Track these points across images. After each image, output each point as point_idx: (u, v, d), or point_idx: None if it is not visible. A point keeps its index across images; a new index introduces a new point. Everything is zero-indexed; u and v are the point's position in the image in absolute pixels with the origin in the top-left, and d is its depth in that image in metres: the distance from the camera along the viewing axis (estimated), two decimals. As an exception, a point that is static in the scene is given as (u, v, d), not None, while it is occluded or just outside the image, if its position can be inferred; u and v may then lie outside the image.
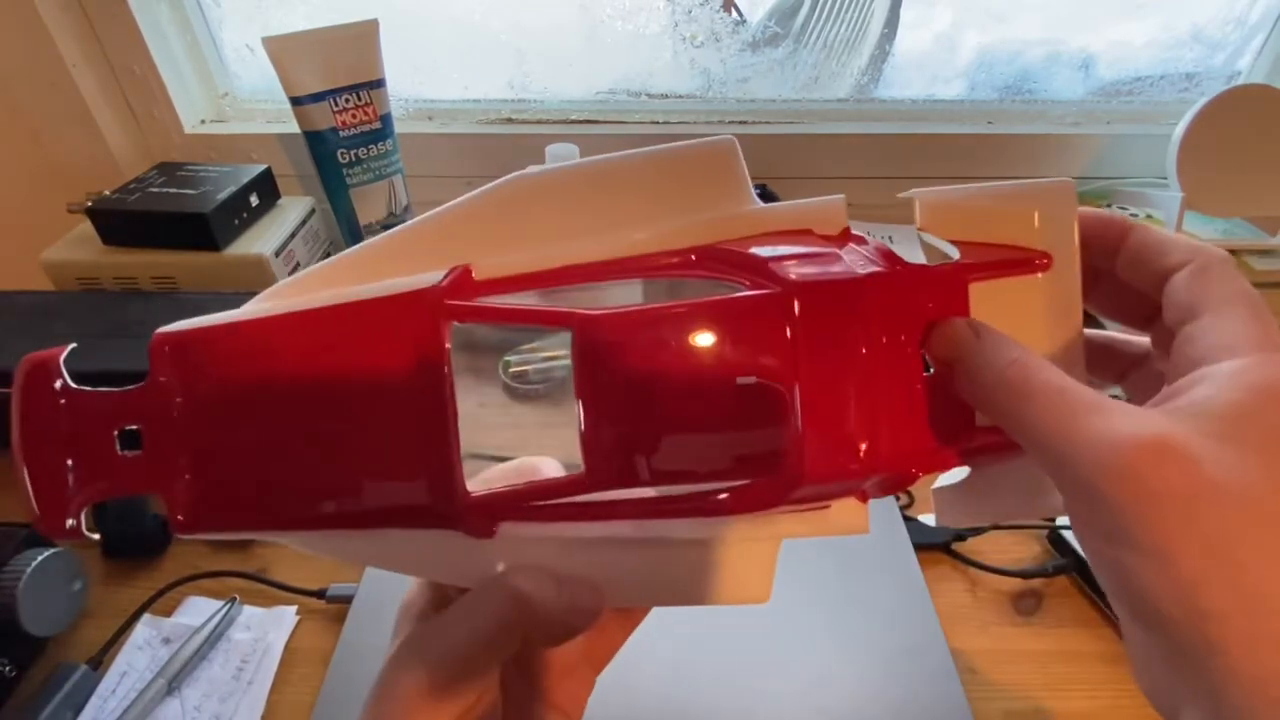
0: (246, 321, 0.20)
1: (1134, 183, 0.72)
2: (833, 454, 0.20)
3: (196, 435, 0.20)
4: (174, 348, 0.20)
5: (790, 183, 0.72)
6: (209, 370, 0.20)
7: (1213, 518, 0.15)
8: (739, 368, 0.19)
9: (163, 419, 0.20)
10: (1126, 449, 0.16)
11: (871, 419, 0.20)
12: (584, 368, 0.19)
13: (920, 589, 0.44)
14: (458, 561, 0.21)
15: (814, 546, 0.46)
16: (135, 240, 0.64)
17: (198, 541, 0.49)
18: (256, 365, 0.20)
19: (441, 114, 0.76)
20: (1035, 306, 0.22)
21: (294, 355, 0.20)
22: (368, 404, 0.20)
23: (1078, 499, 0.17)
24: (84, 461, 0.19)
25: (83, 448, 0.19)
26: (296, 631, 0.44)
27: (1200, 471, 0.15)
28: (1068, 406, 0.17)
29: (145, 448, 0.20)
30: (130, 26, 0.67)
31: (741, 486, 0.20)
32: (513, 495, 0.20)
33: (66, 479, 0.19)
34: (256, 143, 0.74)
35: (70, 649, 0.42)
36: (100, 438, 0.19)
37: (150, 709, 0.39)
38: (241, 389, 0.20)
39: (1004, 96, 0.76)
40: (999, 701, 0.40)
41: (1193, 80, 0.76)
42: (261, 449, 0.20)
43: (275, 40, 0.57)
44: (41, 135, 0.70)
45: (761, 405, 0.20)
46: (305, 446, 0.20)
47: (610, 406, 0.20)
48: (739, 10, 0.74)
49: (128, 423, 0.19)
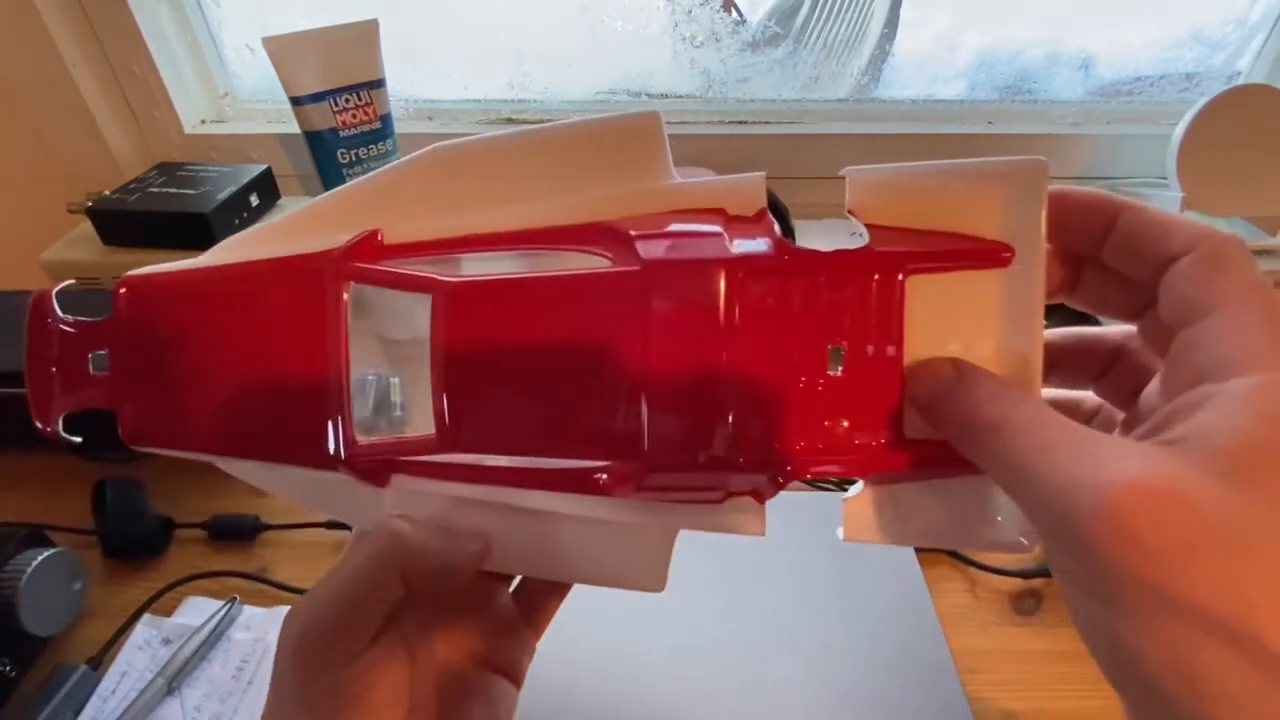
0: (188, 271, 0.23)
1: (1134, 183, 0.72)
2: (680, 442, 0.19)
3: (147, 362, 0.23)
4: (130, 289, 0.23)
5: (790, 183, 0.72)
6: (157, 309, 0.23)
7: (1215, 574, 0.13)
8: (582, 342, 0.20)
9: (123, 346, 0.23)
10: (1114, 494, 0.13)
11: (741, 409, 0.19)
12: (435, 333, 0.21)
13: (920, 589, 0.44)
14: (361, 507, 0.23)
15: (814, 546, 0.46)
16: (135, 240, 0.64)
17: (198, 541, 0.49)
18: (194, 309, 0.23)
19: (441, 114, 0.76)
20: (989, 307, 0.19)
21: (223, 302, 0.23)
22: (279, 351, 0.22)
23: (1059, 548, 0.15)
24: (64, 374, 0.23)
25: (64, 363, 0.23)
26: (296, 631, 0.44)
27: (1200, 519, 0.13)
28: (1049, 443, 0.15)
29: (110, 369, 0.23)
30: (130, 26, 0.66)
31: (590, 467, 0.20)
32: (385, 447, 0.22)
33: (53, 386, 0.22)
34: (256, 143, 0.74)
35: (70, 649, 0.42)
36: (77, 357, 0.23)
37: (150, 709, 0.39)
38: (181, 327, 0.23)
39: (1004, 96, 0.76)
40: (999, 701, 0.40)
41: (1193, 80, 0.76)
42: (196, 381, 0.23)
43: (275, 40, 0.57)
44: (41, 135, 0.70)
45: (604, 383, 0.20)
46: (228, 383, 0.22)
47: (455, 370, 0.21)
48: (739, 10, 0.74)
49: (97, 348, 0.23)
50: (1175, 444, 0.14)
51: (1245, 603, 0.13)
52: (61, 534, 0.47)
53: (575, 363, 0.20)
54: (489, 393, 0.21)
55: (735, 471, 0.20)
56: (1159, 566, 0.13)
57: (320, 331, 0.21)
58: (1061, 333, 0.22)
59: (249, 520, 0.49)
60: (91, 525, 0.48)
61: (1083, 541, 0.14)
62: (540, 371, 0.21)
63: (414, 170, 0.23)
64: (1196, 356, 0.16)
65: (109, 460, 0.53)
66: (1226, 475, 0.13)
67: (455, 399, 0.22)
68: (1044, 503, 0.15)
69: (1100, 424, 0.22)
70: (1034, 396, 0.17)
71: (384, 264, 0.22)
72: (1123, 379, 0.21)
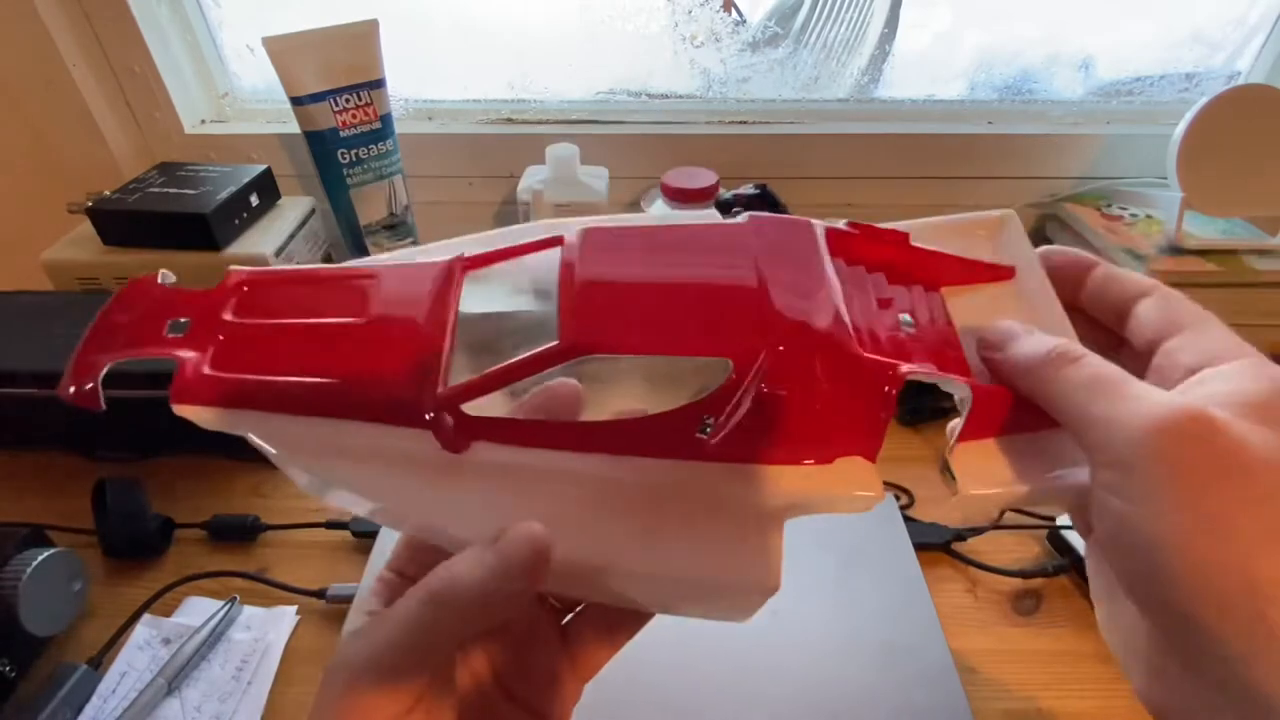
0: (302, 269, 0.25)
1: (1134, 183, 0.72)
2: (808, 321, 0.20)
3: (236, 329, 0.23)
4: (239, 274, 0.24)
5: (790, 183, 0.72)
6: (267, 290, 0.24)
7: (1264, 489, 0.15)
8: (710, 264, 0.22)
9: (214, 312, 0.23)
10: (1176, 417, 0.16)
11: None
12: (565, 263, 0.22)
13: (920, 589, 0.44)
14: (423, 490, 0.21)
15: (814, 546, 0.46)
16: (135, 240, 0.64)
17: (198, 541, 0.49)
18: (307, 288, 0.24)
19: (441, 114, 0.76)
20: (1011, 306, 0.23)
21: (338, 285, 0.24)
22: (386, 316, 0.22)
23: (1115, 468, 0.17)
24: (134, 328, 0.22)
25: (142, 319, 0.23)
26: (296, 631, 0.44)
27: (1245, 445, 0.16)
28: (1111, 385, 0.18)
29: (190, 330, 0.22)
30: (130, 26, 0.67)
31: (696, 407, 0.20)
32: (484, 381, 0.21)
33: (114, 340, 0.22)
34: (256, 143, 0.74)
35: (70, 649, 0.42)
36: (157, 317, 0.23)
37: (150, 709, 0.39)
38: (289, 300, 0.23)
39: (1004, 96, 0.76)
40: (999, 701, 0.40)
41: (1193, 80, 0.76)
42: (284, 338, 0.22)
43: (275, 40, 0.57)
44: (42, 135, 0.70)
45: (727, 290, 0.21)
46: (321, 341, 0.22)
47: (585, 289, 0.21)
48: (739, 10, 0.74)
49: (180, 315, 0.23)
50: (1207, 398, 0.17)
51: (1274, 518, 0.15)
52: (61, 534, 0.47)
53: (703, 278, 0.22)
54: (617, 300, 0.21)
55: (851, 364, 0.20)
56: (1215, 479, 0.16)
57: (432, 299, 0.22)
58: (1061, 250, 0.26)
59: (249, 520, 0.49)
60: (91, 525, 0.48)
61: (1140, 460, 0.16)
62: (667, 287, 0.21)
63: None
64: (1185, 357, 0.19)
65: (109, 460, 0.53)
66: (1255, 419, 0.16)
67: (583, 305, 0.21)
68: (1108, 429, 0.17)
69: None
70: (1088, 351, 0.20)
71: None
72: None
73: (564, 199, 0.67)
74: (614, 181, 0.71)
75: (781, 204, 0.65)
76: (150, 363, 0.22)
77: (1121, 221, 0.68)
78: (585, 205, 0.67)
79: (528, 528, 0.19)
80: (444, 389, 0.21)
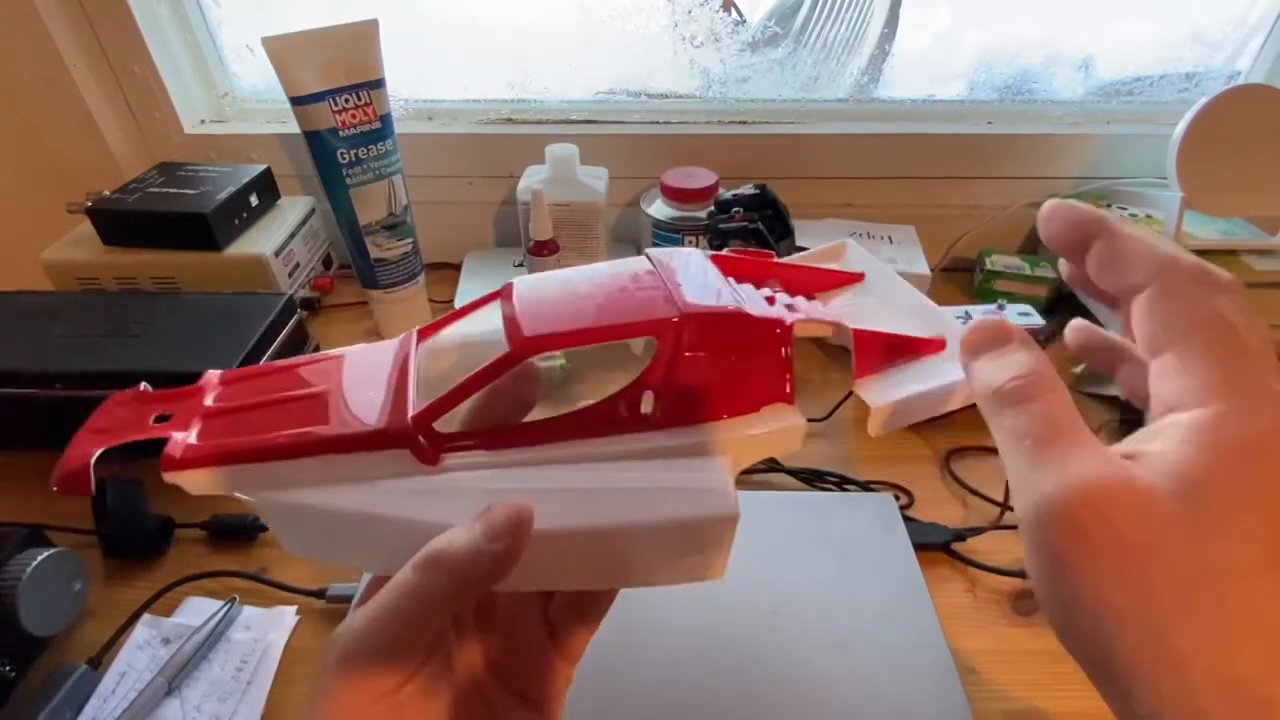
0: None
1: (1134, 183, 0.72)
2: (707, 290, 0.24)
3: (209, 414, 0.25)
4: (221, 379, 0.26)
5: (790, 183, 0.72)
6: (239, 385, 0.26)
7: (1136, 574, 0.15)
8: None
9: (191, 407, 0.25)
10: (1063, 507, 0.16)
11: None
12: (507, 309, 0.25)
13: (920, 589, 0.44)
14: (407, 496, 0.23)
15: (814, 546, 0.46)
16: (135, 240, 0.64)
17: (198, 541, 0.49)
18: (272, 377, 0.26)
19: (441, 114, 0.76)
20: (871, 301, 0.29)
21: (307, 369, 0.26)
22: (353, 380, 0.25)
23: (1025, 537, 0.17)
24: (120, 420, 0.24)
25: (125, 413, 0.24)
26: (296, 631, 0.44)
27: (1139, 526, 0.15)
28: (1032, 444, 0.17)
29: (171, 422, 0.24)
30: (130, 26, 0.67)
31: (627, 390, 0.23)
32: (438, 404, 0.23)
33: (103, 434, 0.23)
34: (256, 143, 0.74)
35: (70, 649, 0.42)
36: (141, 413, 0.24)
37: (150, 709, 0.39)
38: (256, 388, 0.26)
39: (1004, 96, 0.76)
40: (999, 701, 0.40)
41: (1193, 80, 0.76)
42: (260, 410, 0.25)
43: (275, 40, 0.57)
44: (42, 135, 0.70)
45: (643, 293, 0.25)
46: (291, 405, 0.24)
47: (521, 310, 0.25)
48: (739, 10, 0.74)
49: (161, 410, 0.24)
50: (1141, 460, 0.16)
51: (1159, 603, 0.14)
52: (61, 534, 0.47)
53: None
54: (551, 311, 0.24)
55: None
56: (1098, 562, 0.15)
57: (393, 360, 0.26)
58: (1088, 328, 0.25)
59: (249, 520, 0.49)
60: (91, 525, 0.48)
61: (1039, 533, 0.16)
62: (590, 297, 0.25)
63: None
64: (1163, 388, 0.17)
65: (109, 460, 0.53)
66: (1174, 494, 0.15)
67: (524, 318, 0.24)
68: (1013, 490, 0.17)
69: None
70: (1062, 388, 0.18)
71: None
72: (1132, 376, 0.24)
73: (564, 199, 0.67)
74: (614, 181, 0.71)
75: (781, 204, 0.65)
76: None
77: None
78: (585, 205, 0.67)
79: (510, 499, 0.21)
80: (414, 411, 0.23)
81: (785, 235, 0.64)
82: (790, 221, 0.65)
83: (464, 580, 0.20)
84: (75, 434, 0.23)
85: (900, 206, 0.76)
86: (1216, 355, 0.17)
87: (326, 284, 0.74)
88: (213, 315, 0.55)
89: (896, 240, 0.72)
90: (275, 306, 0.56)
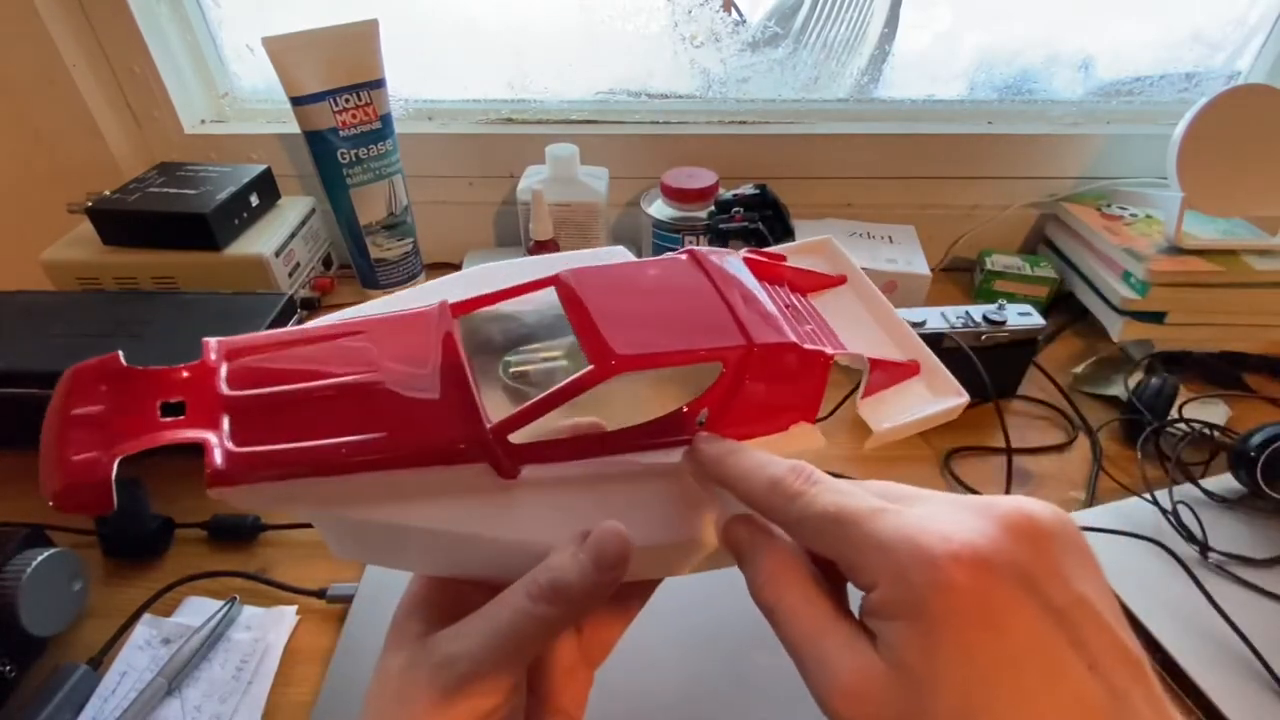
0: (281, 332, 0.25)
1: (1134, 183, 0.72)
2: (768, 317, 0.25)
3: (235, 405, 0.22)
4: (220, 342, 0.24)
5: (790, 183, 0.72)
6: (253, 362, 0.24)
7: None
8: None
9: (211, 386, 0.23)
10: (830, 696, 0.18)
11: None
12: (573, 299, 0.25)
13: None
14: (487, 510, 0.23)
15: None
16: (135, 240, 0.64)
17: (198, 541, 0.49)
18: (291, 353, 0.24)
19: (441, 114, 0.76)
20: (856, 306, 0.31)
21: (331, 350, 0.24)
22: (399, 373, 0.24)
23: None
24: (126, 420, 0.21)
25: (126, 409, 0.22)
26: (296, 631, 0.44)
27: (891, 711, 0.17)
28: (809, 629, 0.19)
29: (187, 414, 0.22)
30: (130, 26, 0.67)
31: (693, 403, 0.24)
32: (519, 417, 0.23)
33: (105, 436, 0.21)
34: (256, 143, 0.74)
35: (70, 649, 0.42)
36: (143, 404, 0.22)
37: (150, 709, 0.39)
38: (289, 366, 0.24)
39: (1004, 96, 0.76)
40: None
41: (1193, 80, 0.76)
42: (309, 408, 0.23)
43: (275, 40, 0.57)
44: (41, 135, 0.70)
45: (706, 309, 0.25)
46: (339, 403, 0.23)
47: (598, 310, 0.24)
48: (739, 10, 0.74)
49: (168, 397, 0.22)
50: (876, 634, 0.18)
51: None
52: (61, 534, 0.47)
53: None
54: (627, 326, 0.23)
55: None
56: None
57: (435, 345, 0.24)
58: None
59: (249, 520, 0.49)
60: (91, 525, 0.48)
61: (830, 716, 0.18)
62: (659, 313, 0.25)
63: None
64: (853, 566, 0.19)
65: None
66: (899, 678, 0.17)
67: (602, 333, 0.23)
68: (805, 677, 0.19)
69: None
70: (804, 580, 0.20)
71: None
72: None
73: (564, 199, 0.67)
74: (614, 181, 0.71)
75: (781, 204, 0.65)
76: (150, 363, 0.22)
77: (1121, 221, 0.68)
78: (585, 205, 0.68)
79: (612, 525, 0.21)
80: (491, 424, 0.22)
81: (785, 235, 0.64)
82: (790, 221, 0.65)
83: (579, 610, 0.21)
84: (52, 427, 0.20)
85: (900, 206, 0.76)
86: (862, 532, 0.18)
87: (326, 284, 0.74)
88: (213, 315, 0.55)
89: (896, 240, 0.72)
90: (275, 306, 0.56)
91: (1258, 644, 0.40)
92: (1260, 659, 0.40)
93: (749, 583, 0.21)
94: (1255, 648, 0.40)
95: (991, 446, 0.56)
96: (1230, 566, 0.46)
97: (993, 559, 0.16)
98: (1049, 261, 0.73)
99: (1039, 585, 0.16)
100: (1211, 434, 0.54)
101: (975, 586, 0.16)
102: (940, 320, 0.55)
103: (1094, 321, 0.68)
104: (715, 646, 0.41)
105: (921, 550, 0.17)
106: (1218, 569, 0.46)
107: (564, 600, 0.21)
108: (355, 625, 0.43)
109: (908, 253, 0.70)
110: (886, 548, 0.17)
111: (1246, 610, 0.42)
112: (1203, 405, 0.58)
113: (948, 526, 0.17)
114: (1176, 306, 0.61)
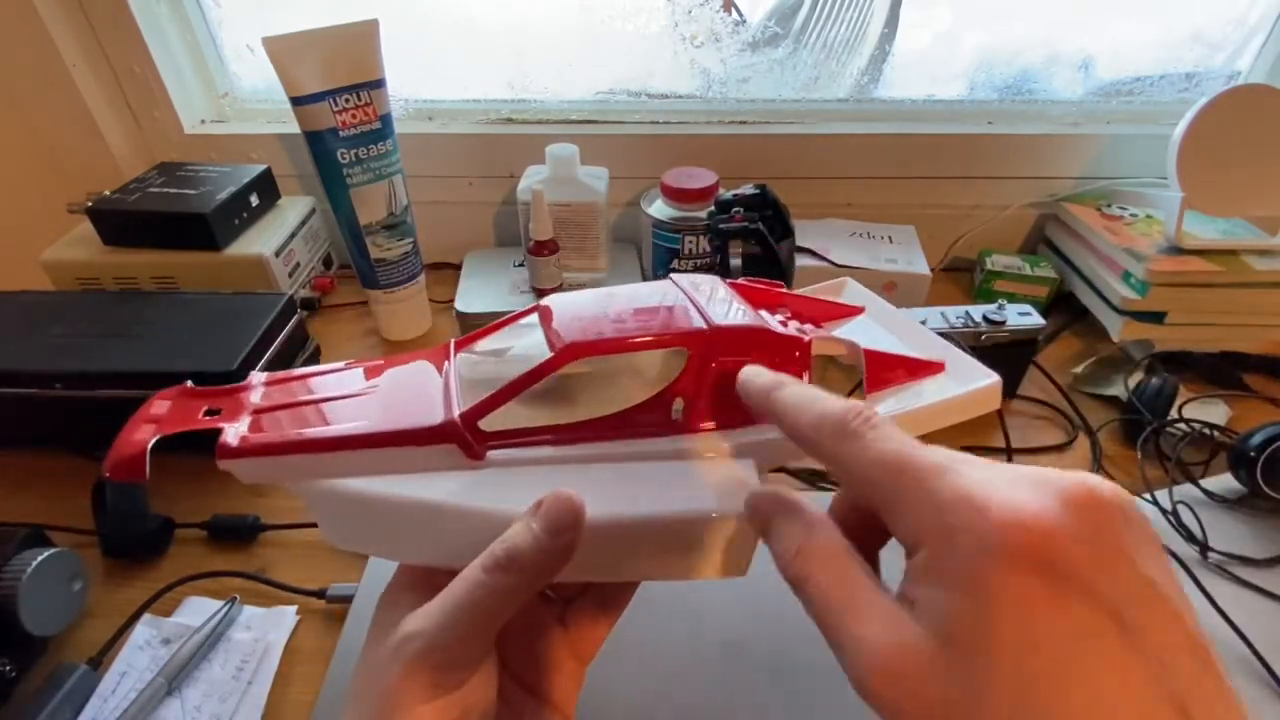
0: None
1: (1134, 183, 0.72)
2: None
3: (259, 410, 0.26)
4: (265, 381, 0.29)
5: (790, 183, 0.72)
6: (284, 385, 0.28)
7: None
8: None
9: (239, 404, 0.27)
10: (863, 672, 0.17)
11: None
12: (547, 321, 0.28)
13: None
14: (454, 483, 0.25)
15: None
16: (135, 240, 0.64)
17: (198, 541, 0.49)
18: (315, 379, 0.29)
19: (441, 114, 0.76)
20: (874, 330, 0.31)
21: (349, 374, 0.29)
22: (396, 382, 0.28)
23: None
24: (172, 412, 0.26)
25: (177, 405, 0.26)
26: (296, 631, 0.44)
27: (932, 685, 0.16)
28: (841, 606, 0.18)
29: (221, 415, 0.26)
30: (130, 26, 0.67)
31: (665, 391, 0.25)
32: (485, 403, 0.25)
33: (156, 423, 0.25)
34: (256, 143, 0.74)
35: (70, 649, 0.42)
36: (192, 406, 0.26)
37: (150, 709, 0.39)
38: (300, 389, 0.28)
39: (1004, 96, 0.76)
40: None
41: (1193, 80, 0.76)
42: (305, 410, 0.27)
43: (275, 40, 0.57)
44: (41, 135, 0.70)
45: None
46: (339, 403, 0.27)
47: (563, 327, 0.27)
48: (739, 10, 0.74)
49: (212, 404, 0.26)
50: (915, 605, 0.17)
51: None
52: (61, 534, 0.47)
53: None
54: (590, 321, 0.26)
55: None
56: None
57: (433, 366, 0.28)
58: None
59: (249, 520, 0.49)
60: (91, 525, 0.48)
61: (862, 696, 0.17)
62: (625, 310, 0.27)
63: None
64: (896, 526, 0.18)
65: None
66: (942, 646, 0.16)
67: (564, 327, 0.26)
68: (840, 655, 0.18)
69: None
70: (836, 552, 0.19)
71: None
72: None
73: (564, 199, 0.67)
74: (614, 181, 0.71)
75: (781, 204, 0.65)
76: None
77: (1121, 221, 0.68)
78: (585, 205, 0.67)
79: (561, 491, 0.22)
80: (461, 409, 0.25)
81: (785, 235, 0.63)
82: (790, 221, 0.65)
83: (534, 577, 0.21)
84: (125, 425, 0.25)
85: (900, 206, 0.76)
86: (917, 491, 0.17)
87: (327, 284, 0.74)
88: (213, 315, 0.55)
89: (896, 240, 0.72)
90: (275, 306, 0.56)
91: (1257, 644, 0.40)
92: (1260, 659, 0.40)
93: (776, 556, 0.20)
94: (1255, 648, 0.40)
95: (991, 446, 0.56)
96: (1230, 566, 0.46)
97: (1056, 532, 0.15)
98: (1049, 261, 0.73)
99: (1104, 565, 0.15)
100: (1211, 434, 0.54)
101: (1040, 560, 0.15)
102: (940, 320, 0.55)
103: (1094, 321, 0.68)
104: (716, 646, 0.41)
105: (982, 516, 0.16)
106: (1218, 569, 0.46)
107: (518, 568, 0.21)
108: (355, 625, 0.43)
109: (908, 253, 0.70)
110: (944, 508, 0.16)
111: (1246, 610, 0.42)
112: (1203, 405, 0.58)
113: (1009, 495, 0.16)
114: (1176, 306, 0.61)
